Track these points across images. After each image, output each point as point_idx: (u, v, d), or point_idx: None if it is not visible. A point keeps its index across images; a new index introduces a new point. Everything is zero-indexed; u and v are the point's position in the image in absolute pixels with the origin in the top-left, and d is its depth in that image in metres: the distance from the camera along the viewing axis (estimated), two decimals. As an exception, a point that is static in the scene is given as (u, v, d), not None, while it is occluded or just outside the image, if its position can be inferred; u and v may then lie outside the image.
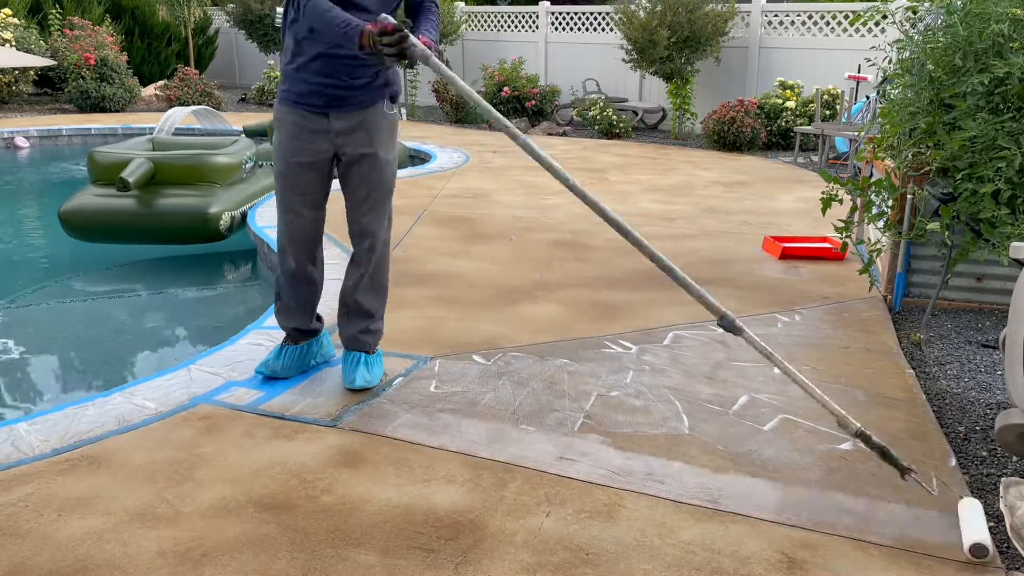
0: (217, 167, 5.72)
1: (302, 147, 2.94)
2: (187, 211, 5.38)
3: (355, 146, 2.96)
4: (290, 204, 2.99)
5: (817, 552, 2.16)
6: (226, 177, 5.78)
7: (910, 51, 3.97)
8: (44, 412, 2.88)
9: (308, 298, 3.15)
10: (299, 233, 3.02)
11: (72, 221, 5.43)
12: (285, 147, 2.95)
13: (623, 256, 4.96)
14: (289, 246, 3.04)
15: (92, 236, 5.48)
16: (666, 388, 3.14)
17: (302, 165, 2.95)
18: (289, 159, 2.95)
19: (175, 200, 5.45)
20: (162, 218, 5.39)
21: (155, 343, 4.14)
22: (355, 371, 3.09)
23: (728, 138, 9.46)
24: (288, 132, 2.94)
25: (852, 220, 4.22)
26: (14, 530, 2.21)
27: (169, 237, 5.44)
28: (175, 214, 5.39)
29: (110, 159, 5.64)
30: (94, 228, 5.43)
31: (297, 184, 2.97)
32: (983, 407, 3.04)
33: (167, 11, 15.32)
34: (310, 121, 2.92)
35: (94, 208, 5.43)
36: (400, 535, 2.21)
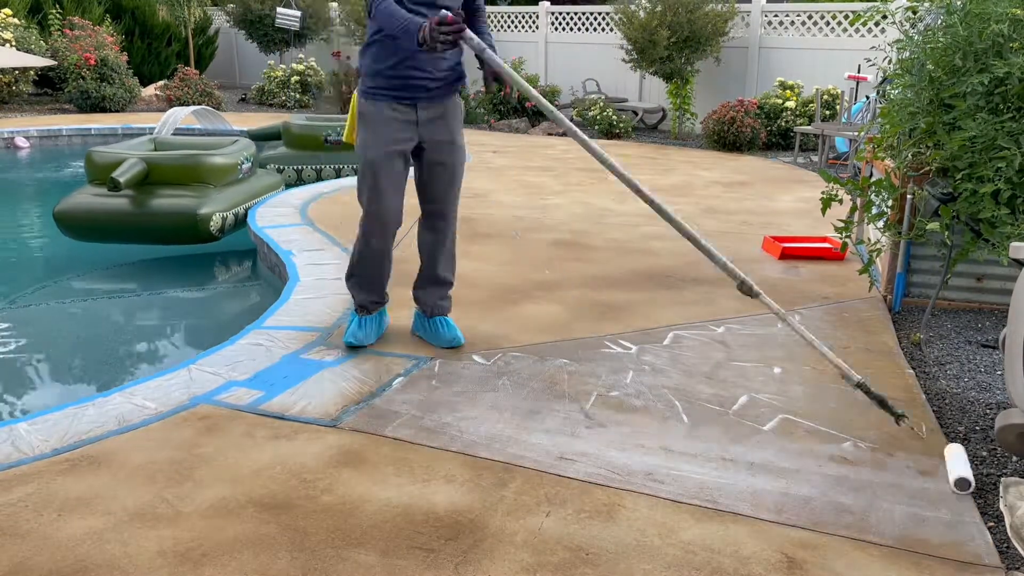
0: (211, 167, 5.68)
1: (393, 137, 3.25)
2: (177, 211, 5.36)
3: (437, 134, 3.31)
4: (382, 189, 3.28)
5: (817, 552, 2.16)
6: (220, 178, 5.74)
7: (910, 51, 3.97)
8: (44, 412, 2.88)
9: (389, 272, 3.52)
10: (388, 216, 3.33)
11: (66, 220, 5.44)
12: (377, 138, 3.25)
13: (623, 256, 4.96)
14: (379, 228, 3.34)
15: (86, 235, 5.49)
16: (666, 388, 3.14)
17: (391, 154, 3.26)
18: (383, 148, 3.25)
19: (166, 200, 5.44)
20: (153, 218, 5.39)
21: (155, 343, 4.14)
22: (449, 331, 3.51)
23: (728, 138, 9.47)
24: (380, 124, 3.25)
25: (852, 220, 4.22)
26: (14, 530, 2.21)
27: (160, 237, 5.44)
28: (165, 214, 5.38)
29: (106, 159, 5.63)
30: (87, 227, 5.44)
31: (390, 171, 3.27)
32: (983, 407, 3.04)
33: (167, 11, 15.32)
34: (400, 113, 3.25)
35: (88, 208, 5.44)
36: (400, 535, 2.21)
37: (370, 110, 3.27)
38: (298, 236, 5.22)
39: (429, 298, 3.55)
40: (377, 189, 3.28)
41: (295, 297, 4.09)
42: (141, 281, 5.12)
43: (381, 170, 3.26)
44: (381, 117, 3.25)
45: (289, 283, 4.31)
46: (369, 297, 3.51)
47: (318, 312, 3.89)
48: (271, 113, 12.89)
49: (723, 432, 2.80)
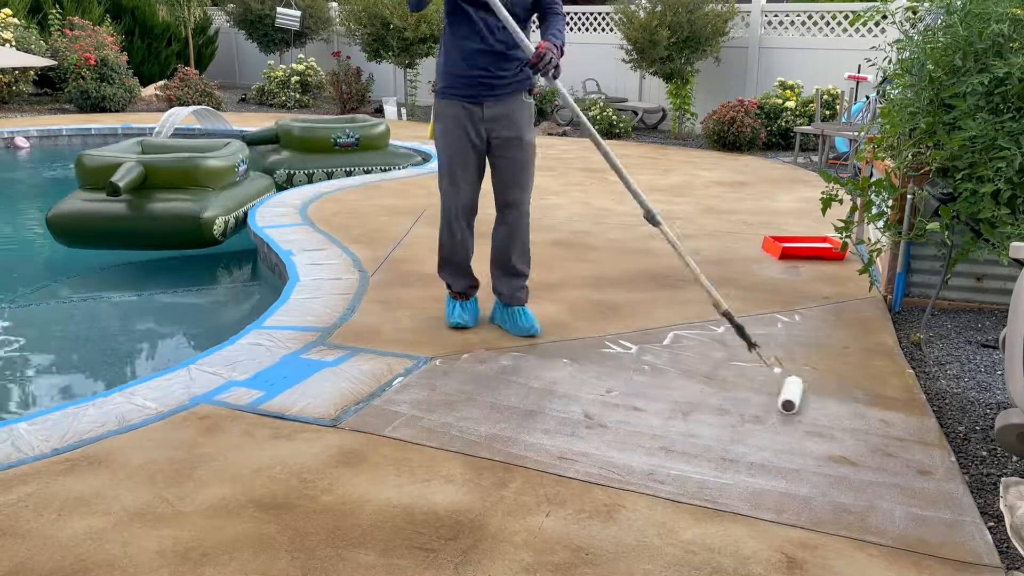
0: (210, 170, 5.59)
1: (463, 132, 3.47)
2: (180, 216, 5.28)
3: (504, 131, 3.49)
4: (457, 182, 3.52)
5: (817, 552, 2.16)
6: (219, 180, 5.65)
7: (910, 51, 3.97)
8: (44, 412, 2.88)
9: (471, 257, 3.74)
10: (463, 206, 3.57)
11: (60, 227, 5.32)
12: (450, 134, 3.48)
13: (623, 256, 4.96)
14: (456, 217, 3.58)
15: (81, 242, 5.36)
16: (666, 388, 3.14)
17: (464, 148, 3.48)
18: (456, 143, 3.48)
19: (167, 204, 5.33)
20: (154, 223, 5.29)
21: (155, 343, 4.14)
22: (526, 320, 3.66)
23: (728, 138, 9.47)
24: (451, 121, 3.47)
25: (852, 220, 4.22)
26: (14, 530, 2.21)
27: (161, 243, 5.35)
28: (167, 219, 5.29)
29: (99, 163, 5.49)
30: (83, 234, 5.32)
31: (463, 164, 3.50)
32: (983, 407, 3.04)
33: (167, 11, 15.33)
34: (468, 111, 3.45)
35: (83, 213, 5.31)
36: (400, 535, 2.21)
37: (442, 108, 3.50)
38: (298, 236, 5.22)
39: (506, 288, 3.71)
40: (452, 183, 3.53)
41: (295, 297, 4.09)
42: (141, 281, 5.12)
43: (456, 163, 3.50)
44: (452, 116, 3.47)
45: (289, 283, 4.31)
46: (464, 282, 3.74)
47: (318, 312, 3.89)
48: (272, 113, 12.89)
49: (723, 432, 2.80)
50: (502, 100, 3.47)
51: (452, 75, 3.44)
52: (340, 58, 14.29)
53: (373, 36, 12.45)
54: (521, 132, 3.52)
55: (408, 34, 12.05)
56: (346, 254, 4.84)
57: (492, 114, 3.46)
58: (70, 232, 5.34)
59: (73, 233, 5.33)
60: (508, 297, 3.70)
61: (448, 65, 3.45)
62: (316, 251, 4.89)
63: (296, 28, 13.81)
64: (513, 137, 3.50)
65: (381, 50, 12.57)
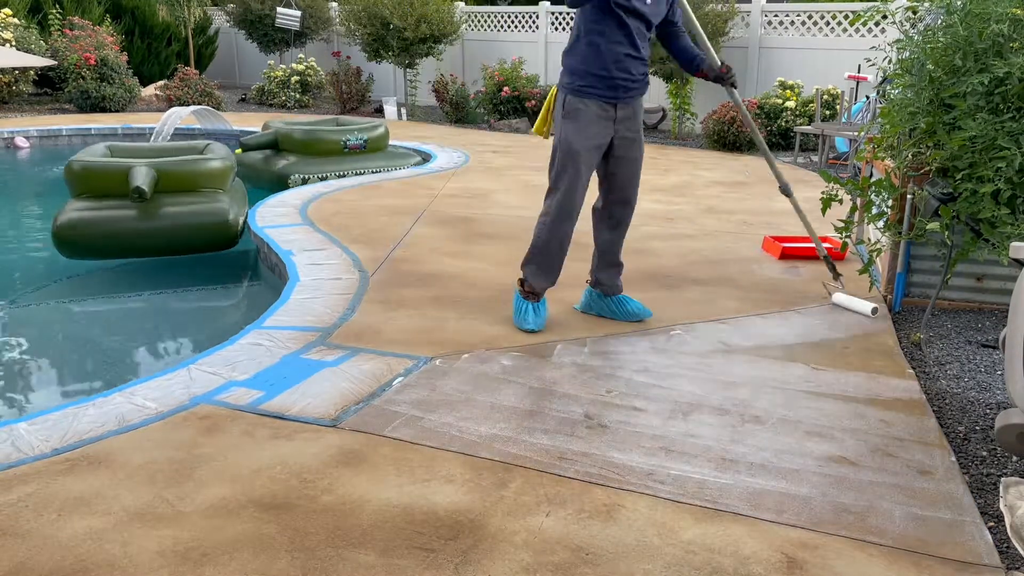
0: (220, 172, 5.52)
1: (597, 132, 3.56)
2: (209, 217, 5.22)
3: (628, 131, 3.64)
4: (581, 179, 3.58)
5: (817, 552, 2.16)
6: (227, 181, 5.60)
7: (910, 51, 3.97)
8: (44, 412, 2.88)
9: None
10: (579, 203, 3.64)
11: (70, 239, 5.06)
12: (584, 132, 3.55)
13: (623, 256, 4.96)
14: (570, 213, 3.63)
15: (94, 254, 5.15)
16: (666, 388, 3.14)
17: (593, 148, 3.58)
18: (589, 142, 3.56)
19: (192, 207, 5.25)
20: (180, 227, 5.18)
21: (155, 343, 4.14)
22: (633, 305, 3.86)
23: (728, 138, 9.47)
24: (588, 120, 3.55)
25: (852, 220, 4.22)
26: (14, 530, 2.21)
27: (188, 247, 5.26)
28: (195, 221, 5.20)
29: (98, 168, 5.24)
30: (98, 245, 5.09)
31: (590, 163, 3.59)
32: (983, 407, 3.04)
33: (167, 11, 15.32)
34: (604, 111, 3.56)
35: (96, 222, 5.08)
36: (400, 535, 2.21)
37: (580, 107, 3.55)
38: (298, 236, 5.22)
39: (611, 279, 3.85)
40: (577, 178, 3.58)
41: (295, 297, 4.09)
42: (140, 281, 5.12)
43: (583, 162, 3.56)
44: (590, 114, 3.54)
45: (289, 283, 4.31)
46: (547, 281, 3.75)
47: (318, 312, 3.89)
48: (271, 113, 12.89)
49: (723, 432, 2.80)
50: (632, 100, 3.63)
51: (594, 75, 3.52)
52: (340, 58, 14.29)
53: (373, 36, 12.45)
54: (639, 131, 3.70)
55: (408, 34, 12.05)
56: (346, 254, 4.84)
57: (623, 114, 3.60)
58: (83, 244, 5.11)
59: (86, 245, 5.11)
60: (613, 287, 3.86)
61: (590, 65, 3.52)
62: (316, 251, 4.89)
63: (296, 28, 13.81)
64: (635, 136, 3.67)
65: (381, 50, 12.58)
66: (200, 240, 5.26)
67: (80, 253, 5.11)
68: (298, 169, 7.32)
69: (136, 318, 4.39)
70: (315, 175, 7.35)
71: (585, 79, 3.54)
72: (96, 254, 5.13)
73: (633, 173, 3.73)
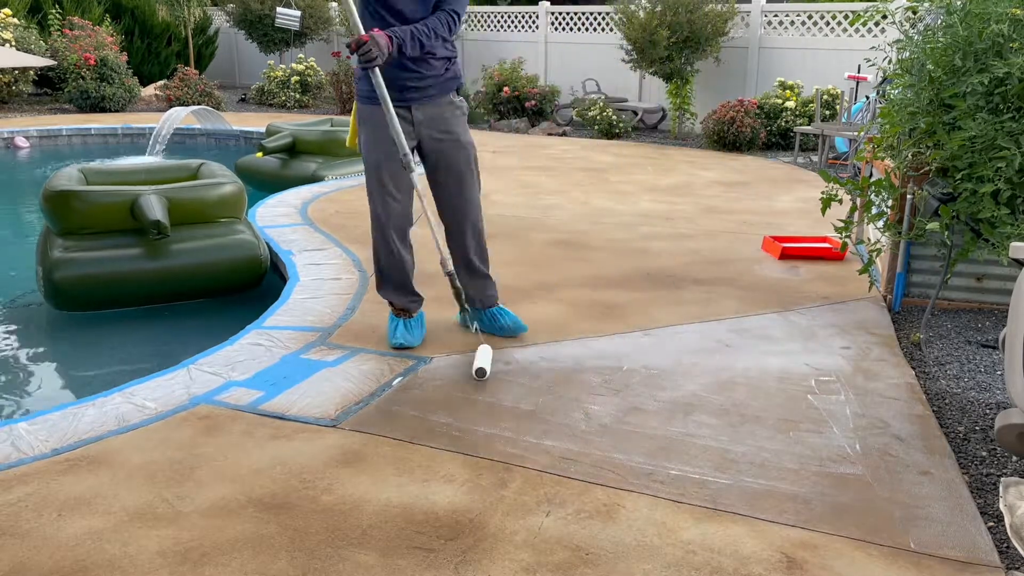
0: (237, 198, 4.70)
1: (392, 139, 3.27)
2: (235, 253, 4.48)
3: (436, 133, 3.37)
4: (388, 191, 3.35)
5: (817, 552, 2.16)
6: (243, 209, 4.78)
7: (910, 51, 3.97)
8: (44, 412, 2.88)
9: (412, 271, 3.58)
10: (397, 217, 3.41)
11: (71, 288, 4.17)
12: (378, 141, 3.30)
13: (623, 256, 4.96)
14: (391, 230, 3.43)
15: (99, 305, 4.30)
16: (666, 388, 3.14)
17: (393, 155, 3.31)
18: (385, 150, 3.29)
19: (214, 242, 4.47)
20: (202, 267, 4.40)
21: (155, 342, 4.14)
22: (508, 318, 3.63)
23: (728, 138, 9.47)
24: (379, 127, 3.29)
25: (852, 220, 4.22)
26: (14, 530, 2.21)
27: (212, 289, 4.50)
28: (219, 260, 4.44)
29: (96, 199, 4.27)
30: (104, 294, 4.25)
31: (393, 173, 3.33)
32: (983, 407, 3.04)
33: (167, 11, 15.32)
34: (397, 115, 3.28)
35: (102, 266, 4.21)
36: (400, 535, 2.21)
37: (368, 115, 3.32)
38: (298, 236, 5.22)
39: (476, 293, 3.62)
40: (384, 191, 3.35)
41: (295, 297, 4.09)
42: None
43: (385, 172, 3.32)
44: (379, 120, 3.28)
45: (289, 283, 4.31)
46: (406, 298, 3.56)
47: (318, 312, 3.89)
48: (271, 113, 12.89)
49: (723, 432, 2.80)
50: (433, 100, 3.34)
51: None
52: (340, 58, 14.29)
53: (373, 36, 12.44)
54: (456, 133, 3.40)
55: (408, 34, 12.04)
56: (346, 254, 4.84)
57: (424, 116, 3.34)
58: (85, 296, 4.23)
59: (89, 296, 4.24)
60: (481, 300, 3.63)
61: None
62: (316, 251, 4.89)
63: (296, 28, 13.80)
64: (448, 139, 3.38)
65: (381, 50, 12.56)
66: (227, 280, 4.49)
67: (81, 305, 4.27)
68: (327, 171, 7.27)
69: (135, 317, 4.39)
70: (341, 176, 7.35)
71: (370, 83, 3.27)
72: (100, 305, 4.30)
73: (457, 179, 3.42)
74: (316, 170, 7.24)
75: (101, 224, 4.31)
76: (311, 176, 7.21)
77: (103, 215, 4.29)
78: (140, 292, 4.33)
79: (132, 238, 4.34)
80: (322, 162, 7.36)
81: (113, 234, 4.34)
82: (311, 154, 7.50)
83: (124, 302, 4.34)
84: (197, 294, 4.49)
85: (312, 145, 7.48)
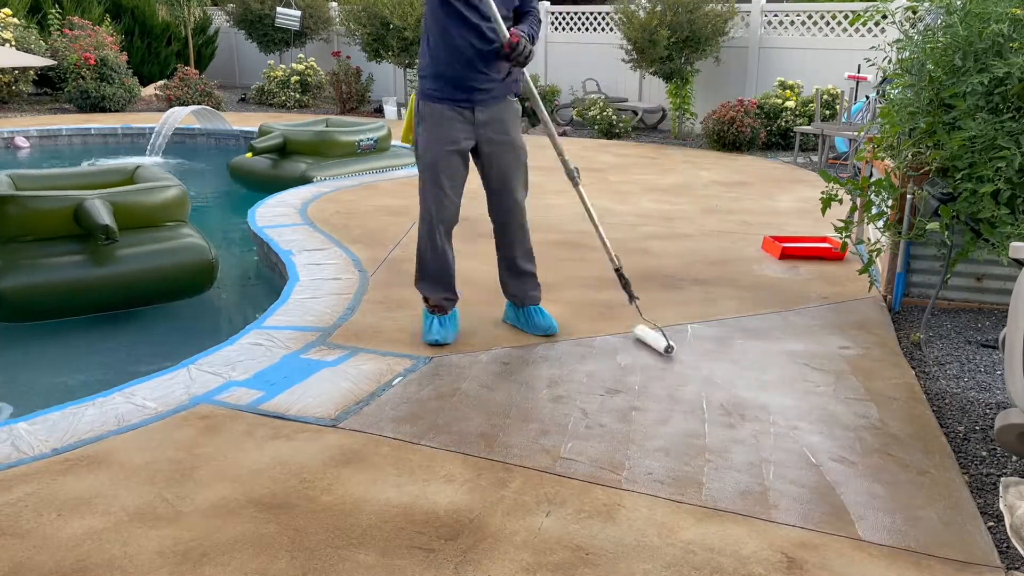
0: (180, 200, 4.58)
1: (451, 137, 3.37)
2: (186, 257, 4.40)
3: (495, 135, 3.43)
4: (442, 188, 3.40)
5: (817, 552, 2.16)
6: (187, 212, 4.68)
7: (910, 51, 3.97)
8: (44, 412, 2.88)
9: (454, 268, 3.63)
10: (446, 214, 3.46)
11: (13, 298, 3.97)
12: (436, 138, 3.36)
13: (623, 256, 4.96)
14: (439, 226, 3.47)
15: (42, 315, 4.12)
16: (666, 388, 3.15)
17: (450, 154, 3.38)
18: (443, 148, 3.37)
19: (163, 246, 4.36)
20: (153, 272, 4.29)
21: (155, 342, 4.14)
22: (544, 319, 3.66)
23: (728, 138, 9.46)
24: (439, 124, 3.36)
25: (852, 220, 4.22)
26: (14, 530, 2.21)
27: (162, 294, 4.40)
28: (170, 265, 4.34)
29: (37, 205, 4.09)
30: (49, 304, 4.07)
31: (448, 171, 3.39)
32: (983, 407, 3.04)
33: (167, 11, 15.31)
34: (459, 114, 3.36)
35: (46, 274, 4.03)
36: (400, 535, 2.21)
37: (429, 111, 3.37)
38: (298, 236, 5.22)
39: (518, 290, 3.66)
40: (437, 188, 3.40)
41: (295, 297, 4.09)
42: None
43: (441, 170, 3.37)
44: (440, 118, 3.34)
45: (289, 283, 4.31)
46: (443, 295, 3.58)
47: (318, 312, 3.89)
48: (272, 113, 12.89)
49: (723, 432, 2.80)
50: (494, 103, 3.41)
51: (443, 77, 3.33)
52: (340, 58, 14.29)
53: (373, 36, 12.45)
54: (511, 135, 3.48)
55: (408, 34, 12.05)
56: (346, 254, 4.84)
57: (484, 118, 3.39)
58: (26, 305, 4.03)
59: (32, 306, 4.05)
60: (522, 298, 3.68)
61: (437, 65, 3.33)
62: (316, 251, 4.89)
63: (296, 28, 13.81)
64: (505, 141, 3.45)
65: (381, 50, 12.57)
66: (178, 285, 4.40)
67: (22, 315, 4.07)
68: (317, 172, 7.22)
69: (135, 317, 4.39)
70: (332, 177, 7.30)
71: (434, 81, 3.34)
72: (44, 315, 4.11)
73: (510, 180, 3.49)
74: (305, 170, 7.19)
75: (43, 231, 4.14)
76: (300, 176, 7.15)
77: (44, 221, 4.12)
78: (88, 301, 4.16)
79: (77, 244, 4.17)
80: (312, 162, 7.31)
81: (56, 241, 4.16)
82: (302, 154, 7.45)
83: (71, 311, 4.16)
84: (147, 300, 4.37)
85: (303, 145, 7.43)
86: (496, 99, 3.41)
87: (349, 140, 7.56)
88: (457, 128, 3.37)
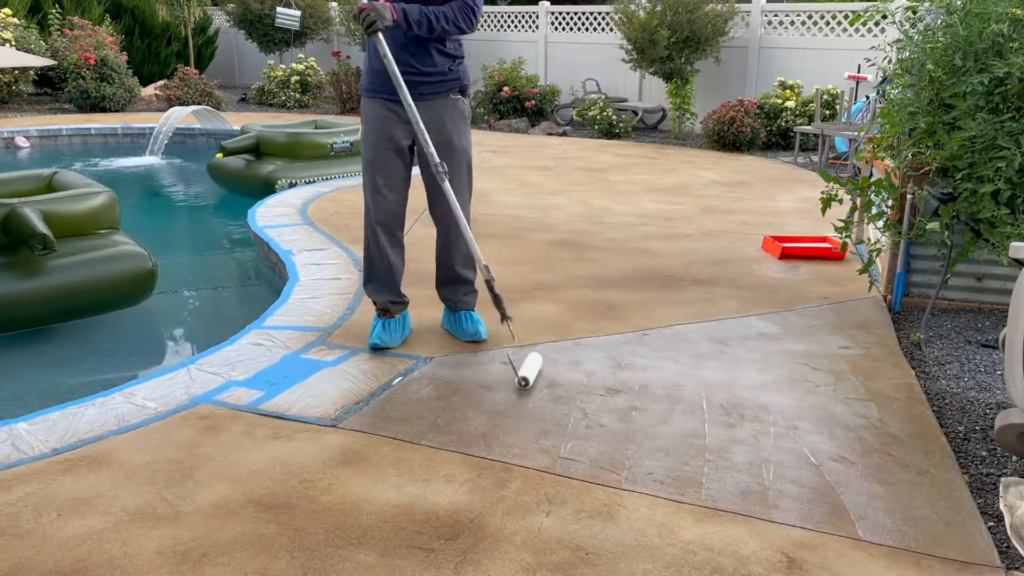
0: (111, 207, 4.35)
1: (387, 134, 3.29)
2: (125, 265, 4.15)
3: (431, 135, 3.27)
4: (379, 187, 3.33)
5: (817, 552, 2.16)
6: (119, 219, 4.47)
7: (910, 51, 3.97)
8: (44, 412, 2.88)
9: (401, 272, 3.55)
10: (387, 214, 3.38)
11: None
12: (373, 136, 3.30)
13: (623, 256, 4.96)
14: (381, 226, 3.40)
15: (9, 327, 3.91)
16: (666, 388, 3.14)
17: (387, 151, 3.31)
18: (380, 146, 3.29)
19: (99, 254, 4.10)
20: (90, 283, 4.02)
21: (155, 342, 4.14)
22: (472, 325, 3.56)
23: (728, 138, 9.47)
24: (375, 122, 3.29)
25: (852, 220, 4.22)
26: (14, 530, 2.21)
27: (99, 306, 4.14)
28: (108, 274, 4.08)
29: None
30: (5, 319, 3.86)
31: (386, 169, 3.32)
32: (983, 407, 3.04)
33: (167, 11, 15.31)
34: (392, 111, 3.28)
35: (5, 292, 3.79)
36: (400, 535, 2.21)
37: (366, 108, 3.32)
38: (298, 236, 5.22)
39: (451, 294, 3.59)
40: (373, 187, 3.33)
41: (295, 297, 4.09)
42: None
43: (376, 169, 3.31)
44: (376, 115, 3.27)
45: (289, 283, 4.31)
46: (388, 298, 3.50)
47: (318, 312, 3.89)
48: (271, 113, 12.89)
49: (723, 432, 2.80)
50: (429, 100, 3.26)
51: (377, 73, 3.22)
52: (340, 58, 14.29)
53: (373, 36, 12.43)
54: (450, 136, 3.32)
55: (408, 34, 12.04)
56: (346, 254, 4.84)
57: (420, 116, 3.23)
58: None
59: None
60: (455, 302, 3.59)
61: (373, 61, 3.23)
62: (316, 251, 4.89)
63: (296, 28, 13.81)
64: (442, 142, 3.30)
65: (381, 50, 12.56)
66: (116, 295, 4.15)
67: None
68: (284, 174, 7.03)
69: (135, 317, 4.39)
70: (302, 180, 7.10)
71: (370, 77, 3.26)
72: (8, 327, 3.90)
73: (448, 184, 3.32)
74: (272, 172, 6.99)
75: None
76: (265, 178, 6.95)
77: None
78: (16, 316, 3.87)
79: (5, 256, 3.90)
80: (282, 164, 7.10)
81: None
82: (274, 156, 7.25)
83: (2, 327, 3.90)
84: (85, 312, 4.12)
85: (275, 147, 7.24)
86: (433, 95, 3.27)
87: (322, 142, 7.35)
88: (392, 125, 3.26)
